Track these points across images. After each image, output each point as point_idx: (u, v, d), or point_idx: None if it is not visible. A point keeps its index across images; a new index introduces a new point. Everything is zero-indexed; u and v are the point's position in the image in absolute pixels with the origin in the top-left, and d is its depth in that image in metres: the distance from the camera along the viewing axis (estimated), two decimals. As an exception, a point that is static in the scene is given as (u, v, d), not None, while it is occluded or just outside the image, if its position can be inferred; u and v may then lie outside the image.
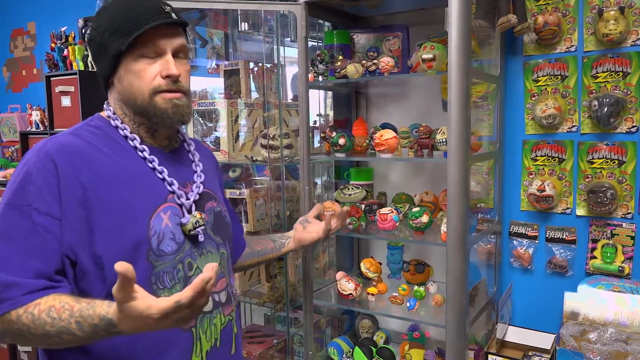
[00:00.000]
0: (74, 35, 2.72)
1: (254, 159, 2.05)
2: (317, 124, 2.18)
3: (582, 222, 1.75)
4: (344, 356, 1.93)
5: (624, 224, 1.68)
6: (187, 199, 1.06)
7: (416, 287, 1.78)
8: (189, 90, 1.09)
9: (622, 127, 1.66)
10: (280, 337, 2.16)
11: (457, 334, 1.51)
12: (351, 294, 1.79)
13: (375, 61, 1.72)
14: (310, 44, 1.84)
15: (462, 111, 1.44)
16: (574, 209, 1.76)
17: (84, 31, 2.77)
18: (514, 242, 1.86)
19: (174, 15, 1.03)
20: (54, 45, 2.67)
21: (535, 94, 1.80)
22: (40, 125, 2.81)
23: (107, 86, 1.08)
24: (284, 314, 2.10)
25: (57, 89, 2.50)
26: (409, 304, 1.71)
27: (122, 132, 1.05)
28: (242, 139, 2.15)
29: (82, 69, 2.53)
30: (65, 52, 2.60)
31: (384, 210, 1.72)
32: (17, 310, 0.88)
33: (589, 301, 1.59)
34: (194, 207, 1.07)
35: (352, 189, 1.94)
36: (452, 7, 1.40)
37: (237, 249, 1.37)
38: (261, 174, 2.34)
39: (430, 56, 1.56)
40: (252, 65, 2.20)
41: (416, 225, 1.66)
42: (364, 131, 1.92)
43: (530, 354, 1.70)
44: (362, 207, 1.85)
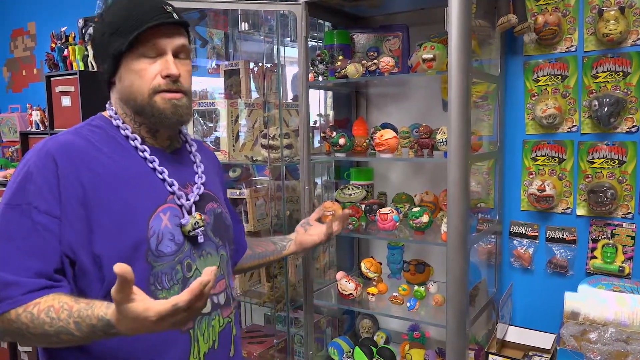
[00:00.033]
0: (74, 35, 2.72)
1: (254, 159, 2.05)
2: (317, 124, 2.18)
3: (582, 222, 1.75)
4: (345, 356, 1.93)
5: (624, 224, 1.68)
6: (187, 200, 1.06)
7: (416, 287, 1.78)
8: (190, 90, 1.08)
9: (622, 127, 1.66)
10: (280, 337, 2.16)
11: (458, 334, 1.51)
12: (351, 294, 1.79)
13: (375, 61, 1.72)
14: (310, 44, 1.84)
15: (462, 111, 1.44)
16: (574, 208, 1.76)
17: (84, 31, 2.77)
18: (514, 242, 1.86)
19: (175, 15, 1.03)
20: (54, 45, 2.67)
21: (535, 94, 1.80)
22: (40, 125, 2.81)
23: (109, 86, 1.08)
24: (284, 314, 2.10)
25: (57, 89, 2.50)
26: (409, 304, 1.71)
27: (123, 132, 1.05)
28: (242, 139, 2.15)
29: (82, 69, 2.53)
30: (65, 52, 2.60)
31: (384, 210, 1.72)
32: (17, 309, 0.88)
33: (589, 301, 1.58)
34: (193, 208, 1.06)
35: (352, 189, 1.94)
36: (452, 7, 1.40)
37: (238, 251, 1.36)
38: (261, 174, 2.34)
39: (430, 56, 1.56)
40: (252, 65, 2.20)
41: (416, 225, 1.66)
42: (364, 131, 1.92)
43: (530, 354, 1.70)
44: (363, 207, 1.85)
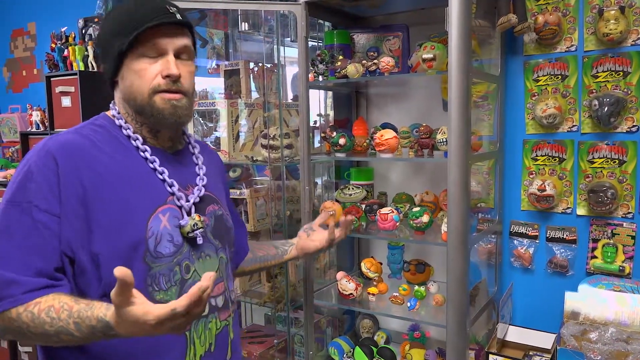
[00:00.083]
0: (74, 35, 2.71)
1: (255, 159, 2.05)
2: (318, 124, 2.18)
3: (582, 222, 1.75)
4: (345, 356, 1.93)
5: (624, 224, 1.68)
6: (187, 201, 1.05)
7: (417, 287, 1.78)
8: (191, 91, 1.07)
9: (622, 127, 1.66)
10: (280, 337, 2.16)
11: (458, 334, 1.51)
12: (352, 294, 1.79)
13: (375, 61, 1.72)
14: (310, 44, 1.84)
15: (463, 111, 1.44)
16: (574, 208, 1.76)
17: (84, 31, 2.77)
18: (515, 241, 1.86)
19: (178, 15, 1.02)
20: (54, 45, 2.67)
21: (535, 94, 1.80)
22: (40, 125, 2.81)
23: (112, 85, 1.08)
24: (284, 314, 2.10)
25: (58, 90, 2.50)
26: (409, 304, 1.71)
27: (125, 131, 1.05)
28: (243, 139, 2.15)
29: (83, 69, 2.53)
30: (65, 52, 2.60)
31: (384, 210, 1.72)
32: (17, 308, 0.88)
33: (589, 301, 1.58)
34: (193, 209, 1.06)
35: (353, 189, 1.94)
36: (453, 7, 1.40)
37: (239, 253, 1.36)
38: (261, 174, 2.34)
39: (430, 56, 1.56)
40: (252, 65, 2.20)
41: (417, 225, 1.66)
42: (364, 131, 1.92)
43: (531, 353, 1.70)
44: (363, 207, 1.85)
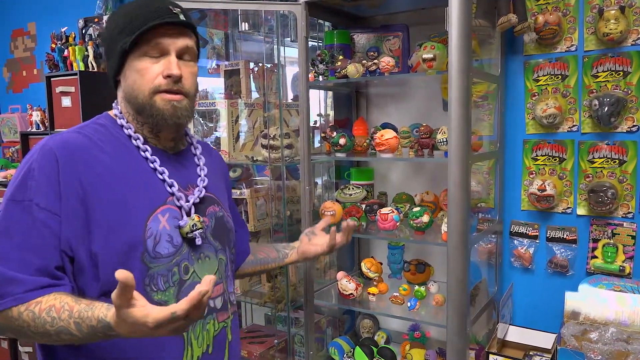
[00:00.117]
0: (74, 35, 2.71)
1: (255, 159, 2.05)
2: (318, 124, 2.18)
3: (582, 222, 1.75)
4: (345, 356, 1.93)
5: (624, 224, 1.68)
6: (187, 202, 1.05)
7: (417, 287, 1.78)
8: (192, 92, 1.07)
9: (622, 127, 1.66)
10: (281, 337, 2.16)
11: (458, 334, 1.51)
12: (352, 294, 1.79)
13: (375, 61, 1.72)
14: (310, 44, 1.84)
15: (463, 111, 1.44)
16: (574, 208, 1.76)
17: (84, 32, 2.77)
18: (515, 241, 1.86)
19: (182, 16, 1.03)
20: (54, 45, 2.67)
21: (535, 94, 1.80)
22: (40, 125, 2.81)
23: (116, 84, 1.08)
24: (284, 314, 2.10)
25: (58, 90, 2.50)
26: (409, 304, 1.71)
27: (126, 131, 1.05)
28: (243, 139, 2.15)
29: (83, 69, 2.53)
30: (65, 52, 2.60)
31: (384, 210, 1.72)
32: (19, 307, 0.89)
33: (589, 301, 1.58)
34: (193, 210, 1.06)
35: (353, 188, 1.94)
36: (453, 6, 1.40)
37: (240, 255, 1.35)
38: (261, 174, 2.34)
39: (430, 56, 1.56)
40: (252, 65, 2.20)
41: (417, 225, 1.66)
42: (365, 131, 1.92)
43: (531, 353, 1.70)
44: (363, 207, 1.85)
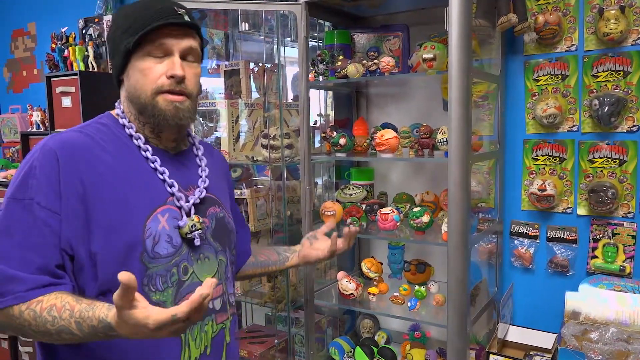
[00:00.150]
0: (74, 35, 2.71)
1: (255, 159, 2.05)
2: (318, 124, 2.18)
3: (583, 222, 1.75)
4: (345, 356, 1.93)
5: (625, 224, 1.68)
6: (187, 202, 1.05)
7: (417, 287, 1.78)
8: (195, 93, 1.07)
9: (622, 127, 1.66)
10: (281, 337, 2.16)
11: (459, 334, 1.51)
12: (352, 294, 1.79)
13: (375, 61, 1.72)
14: (310, 44, 1.84)
15: (463, 111, 1.44)
16: (575, 208, 1.76)
17: (84, 32, 2.77)
18: (515, 241, 1.86)
19: (186, 17, 1.03)
20: (54, 45, 2.67)
21: (535, 94, 1.80)
22: (41, 125, 2.81)
23: (119, 84, 1.09)
24: (285, 314, 2.10)
25: (58, 90, 2.50)
26: (410, 304, 1.71)
27: (127, 130, 1.06)
28: (243, 139, 2.15)
29: (83, 69, 2.53)
30: (65, 52, 2.60)
31: (384, 210, 1.72)
32: (20, 306, 0.89)
33: (590, 301, 1.58)
34: (193, 211, 1.06)
35: (353, 188, 1.94)
36: (453, 6, 1.40)
37: (240, 256, 1.35)
38: (262, 174, 2.34)
39: (430, 56, 1.56)
40: (252, 65, 2.20)
41: (417, 225, 1.66)
42: (365, 131, 1.92)
43: (531, 353, 1.70)
44: (363, 207, 1.85)
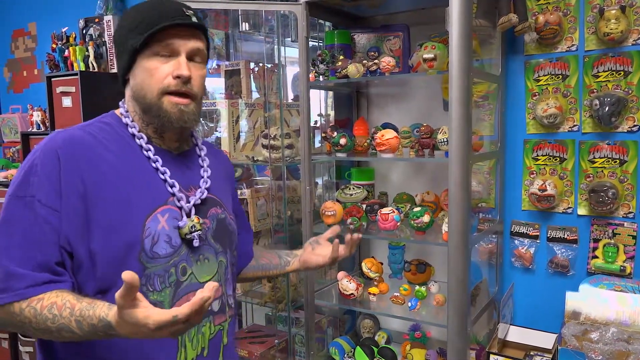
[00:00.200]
0: (74, 35, 2.71)
1: (255, 159, 2.05)
2: (318, 124, 2.18)
3: (583, 222, 1.75)
4: (346, 356, 1.93)
5: (625, 224, 1.67)
6: (188, 202, 1.05)
7: (417, 287, 1.78)
8: (200, 95, 1.07)
9: (623, 127, 1.66)
10: (281, 337, 2.16)
11: (459, 334, 1.51)
12: (352, 294, 1.79)
13: (376, 61, 1.72)
14: (311, 44, 1.84)
15: (463, 111, 1.44)
16: (575, 208, 1.76)
17: (84, 32, 2.77)
18: (516, 241, 1.86)
19: (194, 18, 1.03)
20: (54, 45, 2.67)
21: (536, 94, 1.80)
22: (41, 125, 2.82)
23: (124, 83, 1.08)
24: (285, 314, 2.10)
25: (58, 90, 2.50)
26: (410, 304, 1.71)
27: (130, 130, 1.06)
28: (243, 139, 2.15)
29: (83, 69, 2.53)
30: (66, 52, 2.60)
31: (385, 210, 1.72)
32: (20, 303, 0.89)
33: (590, 301, 1.58)
34: (193, 211, 1.06)
35: (353, 188, 1.94)
36: (453, 6, 1.40)
37: (242, 258, 1.34)
38: (262, 174, 2.34)
39: (431, 56, 1.56)
40: (252, 65, 2.20)
41: (417, 225, 1.66)
42: (365, 131, 1.92)
43: (532, 353, 1.70)
44: (363, 207, 1.85)
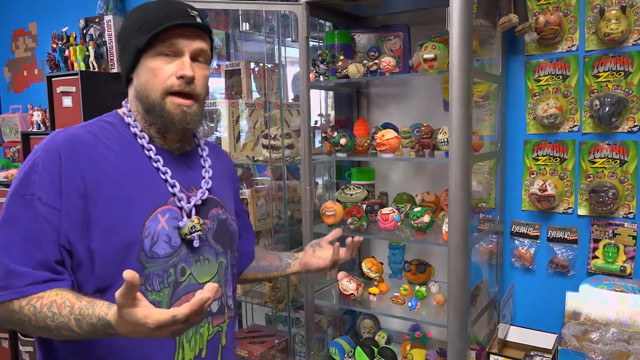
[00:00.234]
0: (75, 35, 2.71)
1: (255, 159, 2.05)
2: (319, 124, 2.18)
3: (583, 222, 1.75)
4: (346, 356, 1.93)
5: (625, 224, 1.67)
6: (188, 203, 1.05)
7: (418, 287, 1.78)
8: (203, 96, 1.07)
9: (623, 127, 1.66)
10: (281, 337, 2.16)
11: (459, 334, 1.51)
12: (353, 294, 1.79)
13: (376, 61, 1.72)
14: (311, 44, 1.84)
15: (464, 111, 1.44)
16: (575, 208, 1.76)
17: (85, 32, 2.77)
18: (516, 241, 1.86)
19: (199, 19, 1.03)
20: (55, 45, 2.67)
21: (536, 94, 1.80)
22: (41, 125, 2.82)
23: (128, 83, 1.09)
24: (285, 314, 2.10)
25: (59, 90, 2.50)
26: (410, 304, 1.71)
27: (132, 129, 1.06)
28: (244, 139, 2.15)
29: (84, 69, 2.53)
30: (66, 52, 2.60)
31: (385, 210, 1.72)
32: (20, 301, 0.89)
33: (590, 301, 1.58)
34: (194, 212, 1.06)
35: (354, 188, 1.94)
36: (453, 6, 1.40)
37: (243, 259, 1.34)
38: (262, 174, 2.34)
39: (431, 56, 1.56)
40: (253, 65, 2.20)
41: (417, 225, 1.66)
42: (365, 131, 1.92)
43: (532, 353, 1.70)
44: (364, 207, 1.85)
